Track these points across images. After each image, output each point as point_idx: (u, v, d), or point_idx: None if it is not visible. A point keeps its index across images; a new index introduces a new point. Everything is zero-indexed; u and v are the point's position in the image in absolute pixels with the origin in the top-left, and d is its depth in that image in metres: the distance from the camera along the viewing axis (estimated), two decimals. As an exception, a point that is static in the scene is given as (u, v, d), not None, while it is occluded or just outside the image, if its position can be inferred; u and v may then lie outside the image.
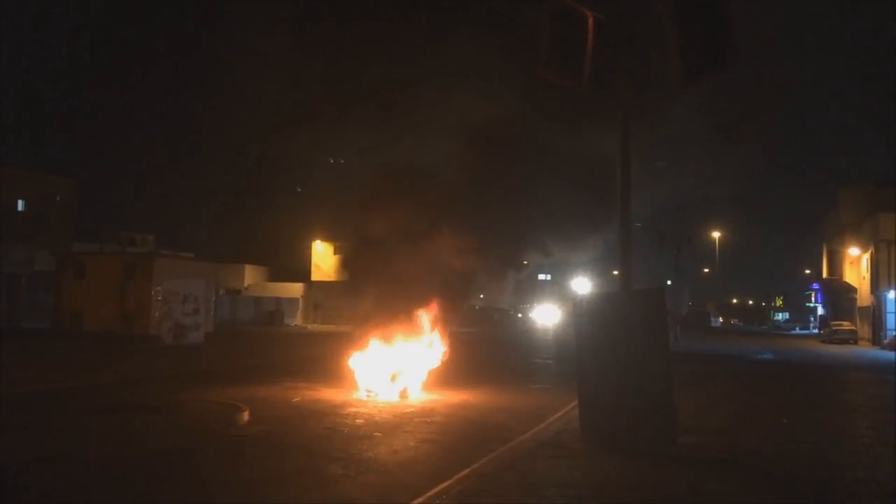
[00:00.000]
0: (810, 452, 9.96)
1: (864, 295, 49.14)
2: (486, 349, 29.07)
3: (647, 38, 10.12)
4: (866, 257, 48.09)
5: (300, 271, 59.27)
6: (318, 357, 21.39)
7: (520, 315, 63.77)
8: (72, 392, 13.85)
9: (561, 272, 63.73)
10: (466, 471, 7.97)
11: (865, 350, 38.64)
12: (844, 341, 43.70)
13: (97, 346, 23.42)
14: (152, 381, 16.09)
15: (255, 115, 17.98)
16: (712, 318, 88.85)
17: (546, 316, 56.36)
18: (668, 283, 52.92)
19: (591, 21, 9.75)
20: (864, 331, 46.40)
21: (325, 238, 58.44)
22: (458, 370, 15.77)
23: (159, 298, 28.35)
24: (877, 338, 42.49)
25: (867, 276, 47.70)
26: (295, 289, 57.39)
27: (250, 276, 60.37)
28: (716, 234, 72.41)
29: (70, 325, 29.15)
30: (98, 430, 10.24)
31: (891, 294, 41.34)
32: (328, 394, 14.25)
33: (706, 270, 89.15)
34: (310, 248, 60.10)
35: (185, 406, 12.31)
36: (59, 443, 9.36)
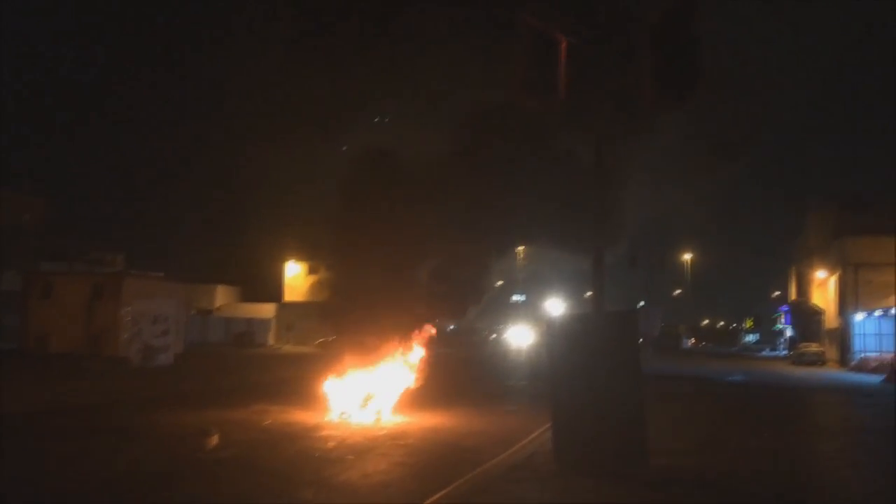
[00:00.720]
0: (780, 474, 10.06)
1: (831, 317, 49.89)
2: (460, 371, 28.99)
3: (620, 64, 10.28)
4: (833, 280, 48.89)
5: (273, 292, 58.87)
6: (291, 379, 21.18)
7: (494, 336, 63.78)
8: (35, 416, 13.56)
9: (535, 293, 64.01)
10: (439, 494, 7.92)
11: (833, 372, 39.17)
12: (812, 363, 44.24)
13: (63, 369, 22.98)
14: (119, 404, 15.82)
15: (229, 132, 17.87)
16: (683, 340, 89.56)
17: (520, 337, 56.38)
18: (641, 304, 53.36)
19: (564, 45, 9.89)
20: (832, 353, 47.05)
21: (299, 258, 58.18)
22: (432, 392, 15.69)
23: (128, 319, 27.94)
24: (844, 360, 43.10)
25: (834, 298, 48.46)
26: (267, 309, 56.97)
27: (222, 296, 59.82)
28: (687, 257, 73.34)
29: (36, 346, 28.58)
30: (62, 454, 10.03)
31: (857, 317, 42.05)
32: (300, 416, 14.10)
33: (678, 292, 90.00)
34: (282, 268, 59.76)
35: (153, 429, 12.11)
36: (21, 467, 9.15)
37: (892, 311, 37.75)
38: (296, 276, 59.17)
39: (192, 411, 14.29)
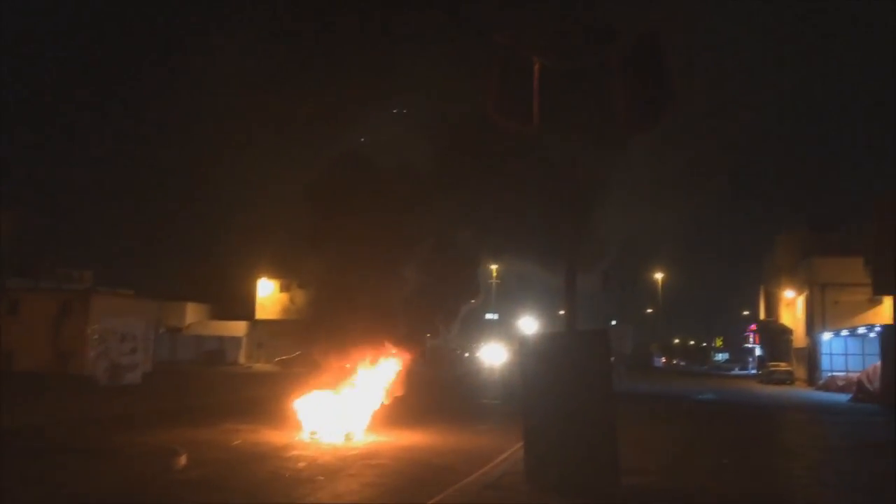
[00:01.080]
0: (750, 493, 10.12)
1: (799, 336, 50.54)
2: (433, 389, 28.87)
3: (593, 87, 10.39)
4: (801, 300, 49.59)
5: (244, 309, 58.28)
6: (262, 397, 20.93)
7: (467, 354, 63.66)
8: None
9: (507, 312, 64.06)
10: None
11: (801, 391, 39.62)
12: (781, 382, 44.70)
13: (28, 387, 22.49)
14: (86, 423, 15.50)
15: (199, 145, 17.69)
16: (655, 358, 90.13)
17: (493, 356, 56.34)
18: (613, 323, 53.67)
19: (537, 67, 10.00)
20: (800, 371, 47.61)
21: (271, 275, 57.67)
22: (404, 410, 15.62)
23: (96, 337, 27.48)
24: (812, 379, 43.64)
25: (802, 317, 49.13)
26: (238, 327, 56.40)
27: (192, 313, 59.12)
28: (658, 276, 73.94)
29: (1, 364, 27.99)
30: (26, 474, 9.78)
31: (825, 336, 42.65)
32: (270, 436, 13.93)
33: (649, 311, 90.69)
34: (254, 285, 59.20)
35: (119, 450, 11.87)
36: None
37: (860, 331, 38.34)
38: (268, 294, 58.66)
39: (160, 431, 14.05)
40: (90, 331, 27.51)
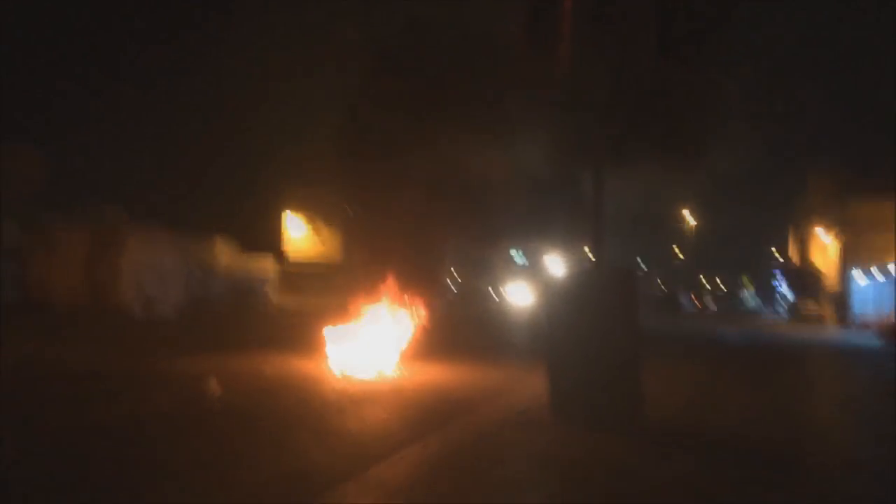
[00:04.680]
0: (776, 431, 10.12)
1: (830, 278, 49.98)
2: (462, 326, 29.17)
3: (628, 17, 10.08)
4: (833, 241, 48.87)
5: (272, 244, 58.73)
6: (293, 332, 21.31)
7: (493, 293, 64.03)
8: (37, 364, 13.67)
9: (534, 250, 64.02)
10: (433, 437, 8.07)
11: (832, 332, 39.37)
12: (812, 323, 44.46)
13: (64, 319, 23.13)
14: (119, 352, 15.94)
15: (222, 77, 17.59)
16: (683, 299, 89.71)
17: (519, 294, 56.63)
18: (640, 262, 53.43)
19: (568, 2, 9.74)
20: (831, 313, 47.22)
21: (298, 210, 57.85)
22: (433, 346, 15.81)
23: (130, 270, 28.04)
24: (843, 320, 43.31)
25: (834, 259, 48.50)
26: (269, 264, 56.98)
27: (222, 249, 59.76)
28: (688, 218, 72.92)
29: (37, 298, 28.73)
30: (54, 399, 10.11)
31: (856, 277, 42.10)
32: (301, 367, 14.23)
33: (678, 252, 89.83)
34: (280, 219, 59.40)
35: (152, 377, 12.24)
36: (22, 411, 9.22)
37: (893, 272, 37.74)
38: (299, 234, 59.00)
39: (191, 359, 14.42)
40: (124, 264, 28.08)
